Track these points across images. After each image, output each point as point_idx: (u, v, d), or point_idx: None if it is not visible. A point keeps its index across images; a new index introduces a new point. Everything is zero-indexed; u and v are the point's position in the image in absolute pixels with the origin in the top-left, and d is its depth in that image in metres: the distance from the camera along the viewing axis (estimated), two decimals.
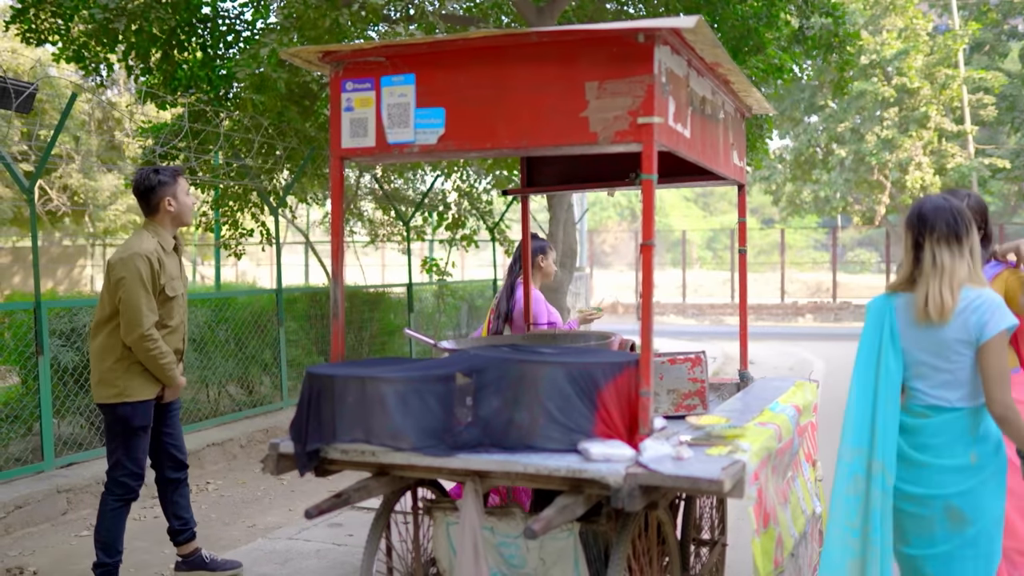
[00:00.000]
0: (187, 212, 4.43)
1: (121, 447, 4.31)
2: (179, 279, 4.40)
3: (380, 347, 11.06)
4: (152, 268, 4.21)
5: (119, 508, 4.33)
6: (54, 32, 8.78)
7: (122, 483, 4.31)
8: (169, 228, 4.41)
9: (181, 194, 4.40)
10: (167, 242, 4.37)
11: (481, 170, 13.04)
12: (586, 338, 4.07)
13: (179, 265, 4.45)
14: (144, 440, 4.38)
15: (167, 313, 4.33)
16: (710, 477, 2.54)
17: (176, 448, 4.60)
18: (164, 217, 4.39)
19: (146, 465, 4.42)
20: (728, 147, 3.97)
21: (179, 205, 4.39)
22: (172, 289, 4.32)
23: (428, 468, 2.89)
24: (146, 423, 4.35)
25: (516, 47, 2.95)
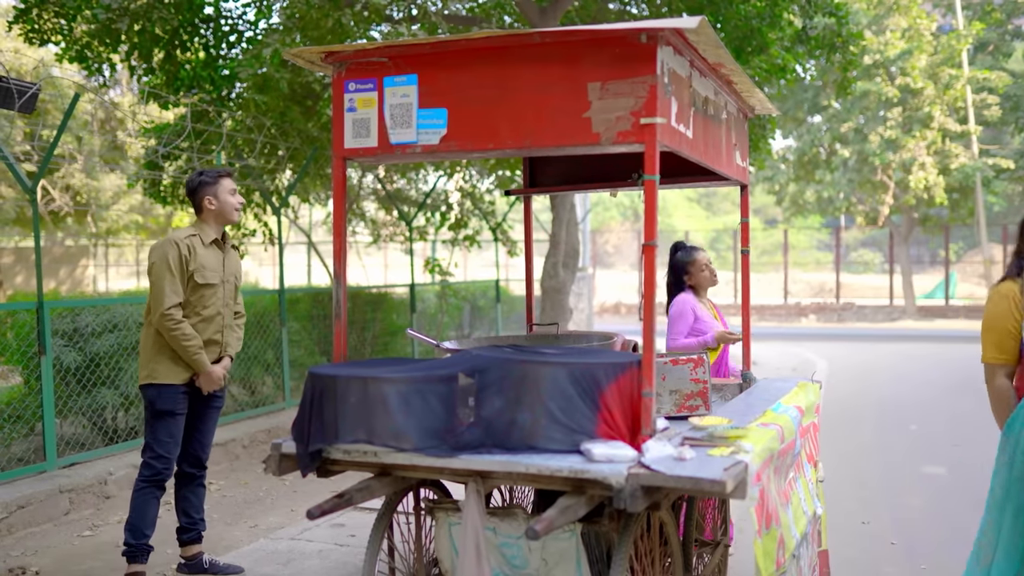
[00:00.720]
0: (229, 210, 4.56)
1: (148, 429, 4.47)
2: (216, 271, 4.51)
3: (383, 347, 11.07)
4: (180, 253, 4.38)
5: (145, 489, 4.45)
6: (57, 32, 8.80)
7: (148, 464, 4.45)
8: (213, 225, 4.57)
9: (223, 193, 4.55)
10: (207, 236, 4.52)
11: (484, 170, 13.05)
12: (588, 339, 4.07)
13: (221, 259, 4.57)
14: (170, 425, 4.45)
15: (199, 301, 4.45)
16: (712, 478, 2.54)
17: (200, 445, 4.66)
18: (207, 215, 4.56)
19: (174, 452, 4.49)
20: (731, 147, 3.96)
21: (220, 203, 4.54)
22: (203, 277, 4.44)
23: (430, 468, 2.89)
24: (170, 408, 4.42)
25: (519, 47, 2.95)
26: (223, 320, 4.57)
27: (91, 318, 6.80)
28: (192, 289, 4.43)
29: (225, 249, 4.63)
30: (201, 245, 4.49)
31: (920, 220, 28.32)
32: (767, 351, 16.98)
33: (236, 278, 4.69)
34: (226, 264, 4.61)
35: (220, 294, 4.54)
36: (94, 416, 6.74)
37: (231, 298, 4.65)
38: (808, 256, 43.18)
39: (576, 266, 10.50)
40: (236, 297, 4.71)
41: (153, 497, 4.49)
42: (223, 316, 4.56)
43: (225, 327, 4.60)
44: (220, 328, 4.56)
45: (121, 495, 6.17)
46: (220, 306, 4.55)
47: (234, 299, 4.69)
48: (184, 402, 4.50)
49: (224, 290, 4.57)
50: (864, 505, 6.23)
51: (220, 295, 4.54)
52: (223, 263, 4.59)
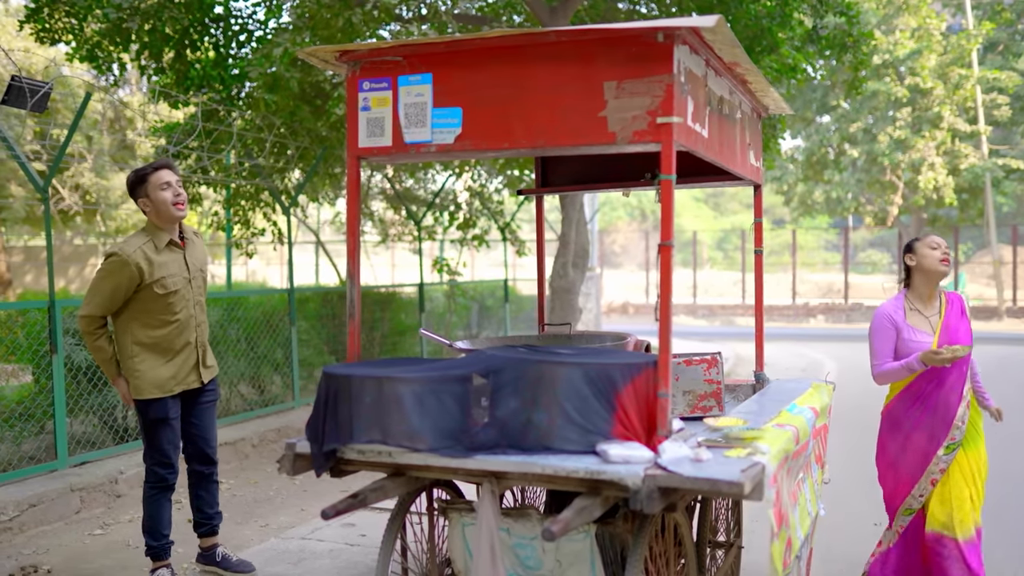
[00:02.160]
0: (165, 207, 4.26)
1: (145, 437, 4.46)
2: (178, 274, 4.33)
3: (391, 347, 11.07)
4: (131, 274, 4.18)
5: (154, 495, 4.46)
6: (68, 31, 8.81)
7: (152, 471, 4.45)
8: (161, 226, 4.34)
9: (154, 190, 4.27)
10: (160, 240, 4.31)
11: (493, 170, 13.03)
12: (602, 339, 4.05)
13: (181, 258, 4.38)
14: (166, 431, 4.41)
15: (167, 309, 4.30)
16: (730, 479, 2.52)
17: (204, 442, 4.62)
18: (149, 217, 4.35)
19: (175, 455, 4.48)
20: (745, 147, 3.95)
21: (153, 203, 4.28)
22: (163, 287, 4.27)
23: (445, 469, 2.88)
24: (162, 415, 4.38)
25: (534, 47, 2.93)
26: (195, 320, 4.46)
27: None
28: (154, 299, 4.26)
29: (185, 245, 4.43)
30: (155, 252, 4.28)
31: (929, 220, 28.24)
32: (776, 352, 16.94)
33: (203, 271, 4.52)
34: (189, 261, 4.42)
35: (188, 295, 4.40)
36: (104, 415, 6.74)
37: (201, 293, 4.51)
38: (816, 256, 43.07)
39: (586, 266, 10.48)
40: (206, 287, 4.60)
41: (164, 499, 4.51)
42: (195, 317, 4.45)
43: (200, 326, 4.49)
44: (194, 328, 4.46)
45: (131, 494, 6.18)
46: (191, 307, 4.43)
47: (204, 292, 4.56)
48: (175, 407, 4.45)
49: (192, 288, 4.43)
50: (875, 506, 6.20)
51: (188, 296, 4.40)
52: (185, 261, 4.40)
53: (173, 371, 4.38)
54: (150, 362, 4.31)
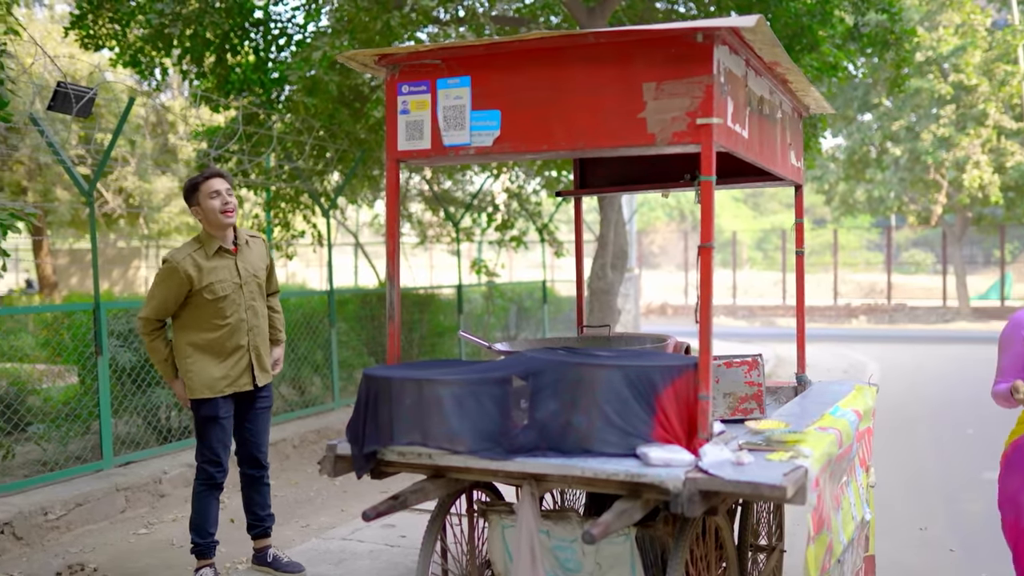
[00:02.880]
0: (213, 215, 4.38)
1: (197, 435, 4.55)
2: (228, 280, 4.41)
3: (430, 348, 11.11)
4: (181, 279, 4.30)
5: (202, 492, 4.54)
6: (111, 37, 8.95)
7: (202, 468, 4.53)
8: (212, 232, 4.45)
9: (204, 199, 4.40)
10: (211, 246, 4.42)
11: (530, 171, 13.03)
12: (641, 340, 4.03)
13: (233, 264, 4.46)
14: (216, 430, 4.49)
15: (216, 313, 4.39)
16: (772, 483, 2.50)
17: (255, 446, 4.69)
18: (202, 224, 4.49)
19: (224, 455, 4.55)
20: (785, 147, 3.91)
21: (203, 211, 4.42)
22: (212, 292, 4.36)
23: (485, 471, 2.88)
24: (213, 414, 4.45)
25: (573, 48, 2.93)
26: (247, 324, 4.51)
27: None
28: (205, 304, 4.36)
29: (238, 251, 4.52)
30: (205, 258, 4.39)
31: (974, 219, 27.76)
32: (817, 353, 16.75)
33: (257, 276, 4.57)
34: (240, 266, 4.50)
35: (239, 299, 4.47)
36: (148, 416, 6.84)
37: (256, 298, 4.56)
38: (858, 256, 42.52)
39: (624, 267, 10.44)
40: (263, 291, 4.64)
41: (212, 498, 4.58)
42: (247, 321, 4.50)
43: (252, 329, 4.53)
44: (246, 332, 4.51)
45: (175, 494, 6.26)
46: (242, 311, 4.48)
47: (261, 296, 4.61)
48: (227, 407, 4.51)
49: (243, 295, 4.49)
50: (921, 511, 6.11)
51: (240, 301, 4.47)
52: (236, 268, 4.48)
53: (224, 372, 4.45)
54: (202, 363, 4.40)
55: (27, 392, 6.45)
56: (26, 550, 5.21)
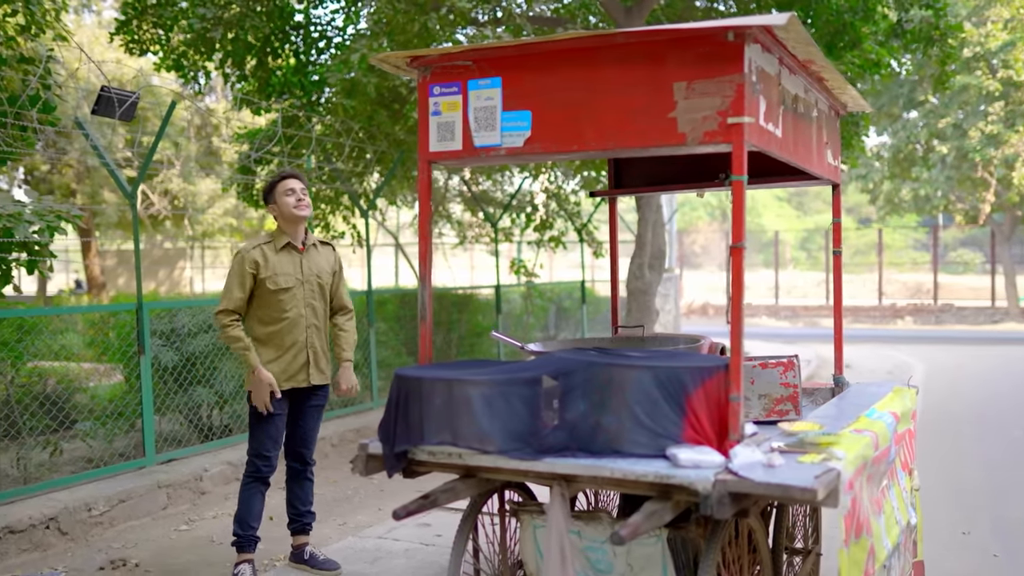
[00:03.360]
0: (287, 211, 4.61)
1: (250, 428, 4.66)
2: (290, 274, 4.58)
3: (468, 348, 11.14)
4: (247, 265, 4.50)
5: (248, 485, 4.64)
6: (155, 42, 9.10)
7: (251, 461, 4.64)
8: (285, 229, 4.66)
9: (280, 196, 4.64)
10: (279, 241, 4.61)
11: (569, 171, 13.02)
12: (675, 341, 4.01)
13: (298, 261, 4.63)
14: (267, 425, 4.59)
15: (278, 306, 4.55)
16: (803, 485, 2.48)
17: (302, 442, 4.79)
18: (277, 220, 4.70)
19: (274, 450, 4.63)
20: (822, 146, 3.87)
21: (279, 208, 4.65)
22: (275, 283, 4.53)
23: (514, 471, 2.89)
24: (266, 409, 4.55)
25: (603, 48, 2.93)
26: (306, 320, 4.62)
27: (187, 319, 7.02)
28: (268, 295, 4.53)
29: (305, 251, 4.67)
30: (273, 252, 4.58)
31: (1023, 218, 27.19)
32: (861, 353, 16.52)
33: (321, 276, 4.70)
34: (304, 265, 4.65)
35: (299, 296, 4.60)
36: (190, 414, 6.95)
37: (316, 298, 4.68)
38: (904, 256, 41.84)
39: (662, 267, 10.38)
40: (326, 295, 4.74)
41: (258, 492, 4.66)
42: (305, 317, 4.62)
43: (311, 327, 4.65)
44: (304, 328, 4.62)
45: (216, 491, 6.35)
46: (302, 307, 4.61)
47: (323, 298, 4.72)
48: (281, 404, 4.60)
49: (304, 291, 4.62)
50: (965, 514, 6.01)
51: (299, 297, 4.60)
52: (300, 265, 4.64)
53: (282, 367, 4.56)
54: (263, 356, 4.55)
55: (74, 390, 6.59)
56: (71, 545, 5.32)
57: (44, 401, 6.16)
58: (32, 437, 5.89)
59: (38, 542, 5.19)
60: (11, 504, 5.31)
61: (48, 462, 6.08)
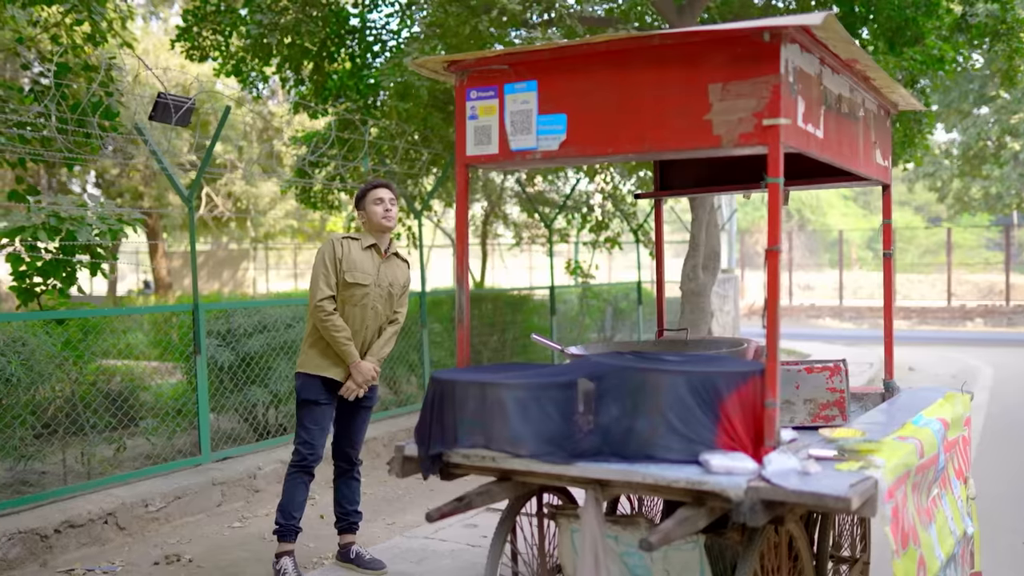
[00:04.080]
0: (374, 219, 4.74)
1: (297, 417, 4.78)
2: (368, 273, 4.70)
3: (522, 349, 11.15)
4: (335, 251, 4.66)
5: (292, 474, 4.73)
6: (215, 48, 9.30)
7: (296, 450, 4.73)
8: (370, 232, 4.80)
9: (368, 204, 4.77)
10: (365, 240, 4.75)
11: (624, 171, 12.95)
12: (718, 345, 3.97)
13: (377, 264, 4.75)
14: (314, 413, 4.70)
15: (349, 299, 4.68)
16: (836, 494, 2.43)
17: (349, 442, 4.89)
18: (363, 224, 4.84)
19: (320, 441, 4.73)
20: (870, 146, 3.79)
21: (366, 214, 4.79)
22: (352, 276, 4.66)
23: (548, 475, 2.88)
24: (313, 397, 4.68)
25: (638, 50, 2.91)
26: (366, 322, 4.73)
27: (243, 319, 7.15)
28: (343, 286, 4.67)
29: (386, 257, 4.79)
30: (358, 248, 4.73)
31: None
32: (926, 356, 16.13)
33: (393, 286, 4.82)
34: (382, 270, 4.77)
35: (371, 296, 4.72)
36: (245, 412, 7.08)
37: (383, 303, 4.80)
38: (976, 256, 40.70)
39: (717, 268, 10.26)
40: (392, 304, 4.85)
41: (301, 482, 4.74)
42: (367, 318, 4.72)
43: (368, 328, 4.75)
44: (363, 329, 4.72)
45: (269, 489, 6.46)
46: (368, 307, 4.72)
47: (387, 306, 4.83)
48: (328, 394, 4.71)
49: (375, 293, 4.73)
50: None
51: (370, 296, 4.72)
52: (378, 268, 4.76)
53: (335, 359, 4.68)
54: (319, 344, 4.69)
55: (138, 388, 6.76)
56: (127, 540, 5.46)
57: (109, 399, 6.33)
58: (96, 434, 6.06)
59: (96, 536, 5.34)
60: (72, 499, 5.47)
61: (112, 458, 6.25)
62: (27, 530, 4.99)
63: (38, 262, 5.99)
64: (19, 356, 5.38)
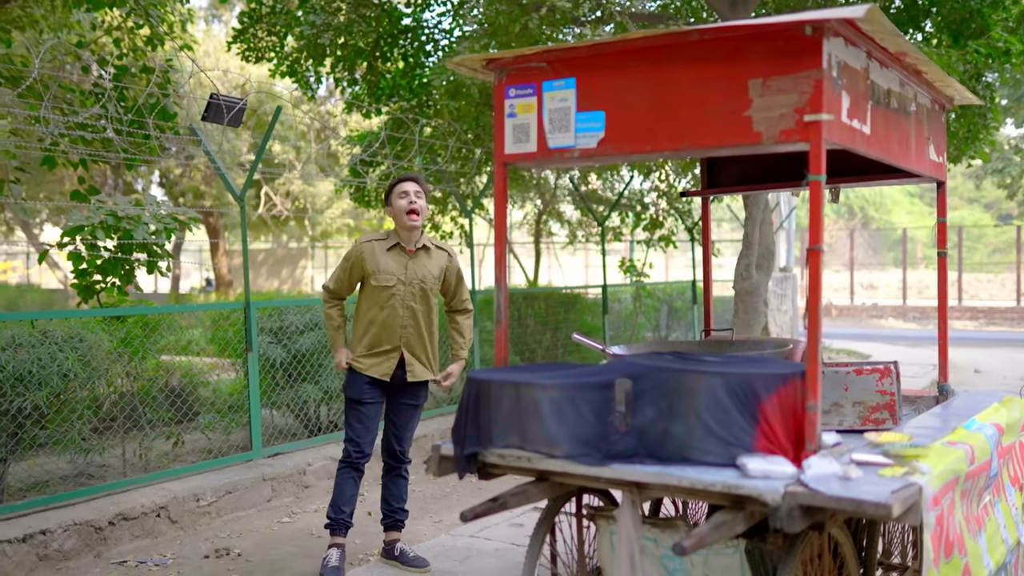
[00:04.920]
0: (398, 214, 4.73)
1: (345, 415, 4.86)
2: (393, 274, 4.71)
3: (576, 348, 11.10)
4: (358, 257, 4.75)
5: (342, 470, 4.81)
6: (270, 49, 9.42)
7: (344, 447, 4.81)
8: (398, 229, 4.80)
9: (394, 198, 4.77)
10: (389, 241, 4.77)
11: (679, 169, 12.81)
12: (763, 346, 3.89)
13: (403, 263, 4.75)
14: (358, 412, 4.76)
15: (378, 301, 4.72)
16: (877, 501, 2.36)
17: (396, 439, 4.91)
18: (393, 219, 4.84)
19: (366, 439, 4.78)
20: (923, 142, 3.68)
21: (393, 209, 4.79)
22: (377, 280, 4.69)
23: (583, 476, 2.85)
24: (356, 396, 4.74)
25: (677, 46, 2.86)
26: (402, 321, 4.72)
27: (295, 317, 7.23)
28: (372, 290, 4.72)
29: (413, 254, 4.76)
30: (383, 250, 4.73)
31: None
32: (994, 358, 15.68)
33: (425, 280, 4.79)
34: (410, 268, 4.75)
35: (399, 295, 4.71)
36: (297, 409, 7.16)
37: (416, 301, 4.77)
38: None
39: (771, 267, 10.09)
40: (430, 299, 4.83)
41: (350, 477, 4.80)
42: (402, 318, 4.72)
43: (406, 327, 4.74)
44: (399, 328, 4.72)
45: (319, 485, 6.52)
46: (399, 308, 4.71)
47: (425, 301, 4.80)
48: (372, 393, 4.75)
49: (404, 292, 4.72)
50: None
51: (399, 296, 4.71)
52: (405, 267, 4.74)
53: (376, 361, 4.73)
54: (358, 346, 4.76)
55: (197, 384, 6.88)
56: (179, 533, 5.56)
57: (167, 394, 6.45)
58: (152, 428, 6.18)
59: (149, 529, 5.45)
60: (126, 492, 5.59)
61: (169, 452, 6.37)
62: (82, 522, 5.11)
63: (97, 260, 6.13)
64: (76, 352, 5.51)
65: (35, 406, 5.27)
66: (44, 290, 24.71)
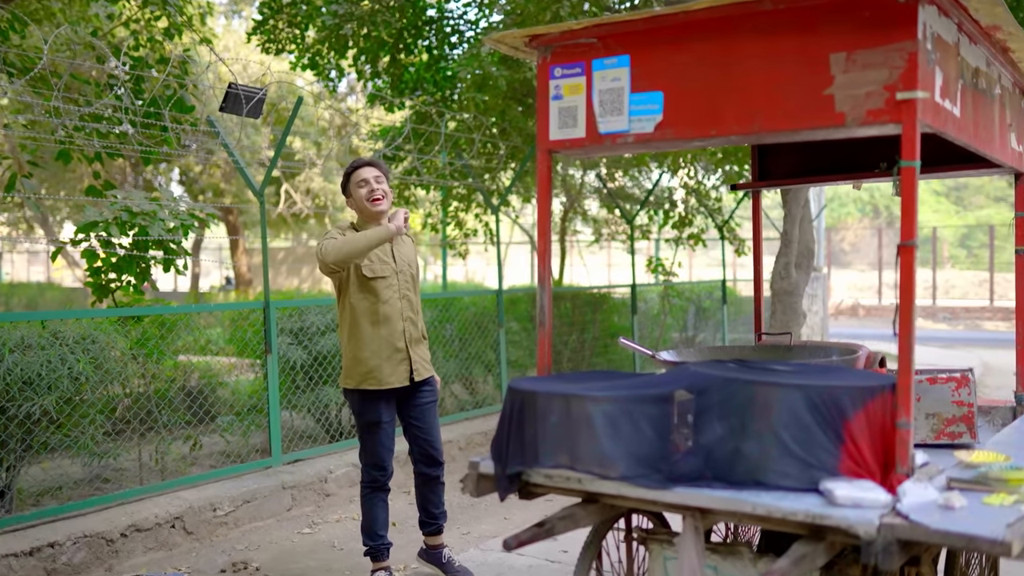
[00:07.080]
0: (361, 204, 4.36)
1: (360, 438, 4.51)
2: (385, 262, 4.37)
3: (603, 349, 10.79)
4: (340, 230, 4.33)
5: (368, 495, 4.51)
6: (291, 41, 9.16)
7: (366, 471, 4.50)
8: (365, 219, 4.42)
9: (353, 188, 4.41)
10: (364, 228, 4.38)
11: (709, 165, 12.46)
12: (827, 352, 3.57)
13: (388, 250, 4.40)
14: (378, 435, 4.42)
15: (374, 296, 4.34)
16: (992, 537, 2.03)
17: (428, 443, 4.58)
18: (357, 212, 4.46)
19: (386, 456, 4.46)
20: (1005, 128, 3.34)
21: (354, 200, 4.42)
22: (371, 271, 4.33)
23: (641, 500, 2.54)
24: (374, 419, 4.39)
25: (745, 17, 2.54)
26: (403, 314, 4.40)
27: (316, 317, 6.96)
28: (363, 284, 4.31)
29: (395, 240, 4.40)
30: None
31: None
32: None
33: (411, 267, 4.51)
34: (396, 254, 4.44)
35: (396, 284, 4.39)
36: (318, 413, 6.89)
37: (410, 289, 4.48)
38: None
39: (810, 266, 9.73)
40: (417, 287, 4.55)
41: (380, 500, 4.52)
42: (402, 310, 4.40)
43: (407, 320, 4.43)
44: (401, 322, 4.40)
45: (340, 493, 6.25)
46: (397, 299, 4.39)
47: (414, 290, 4.52)
48: (389, 408, 4.44)
49: (399, 280, 4.42)
50: None
51: (396, 285, 4.39)
52: (392, 253, 4.42)
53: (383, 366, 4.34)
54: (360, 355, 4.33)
55: (215, 385, 6.62)
56: (195, 545, 5.29)
57: (185, 395, 6.20)
58: (168, 431, 5.92)
59: (163, 541, 5.18)
60: (140, 501, 5.33)
61: (187, 456, 6.11)
62: (93, 533, 4.86)
63: (112, 258, 5.88)
64: (88, 354, 5.25)
65: (44, 411, 5.02)
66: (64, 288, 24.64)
